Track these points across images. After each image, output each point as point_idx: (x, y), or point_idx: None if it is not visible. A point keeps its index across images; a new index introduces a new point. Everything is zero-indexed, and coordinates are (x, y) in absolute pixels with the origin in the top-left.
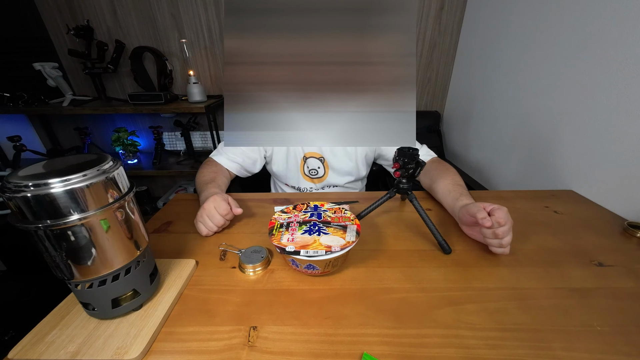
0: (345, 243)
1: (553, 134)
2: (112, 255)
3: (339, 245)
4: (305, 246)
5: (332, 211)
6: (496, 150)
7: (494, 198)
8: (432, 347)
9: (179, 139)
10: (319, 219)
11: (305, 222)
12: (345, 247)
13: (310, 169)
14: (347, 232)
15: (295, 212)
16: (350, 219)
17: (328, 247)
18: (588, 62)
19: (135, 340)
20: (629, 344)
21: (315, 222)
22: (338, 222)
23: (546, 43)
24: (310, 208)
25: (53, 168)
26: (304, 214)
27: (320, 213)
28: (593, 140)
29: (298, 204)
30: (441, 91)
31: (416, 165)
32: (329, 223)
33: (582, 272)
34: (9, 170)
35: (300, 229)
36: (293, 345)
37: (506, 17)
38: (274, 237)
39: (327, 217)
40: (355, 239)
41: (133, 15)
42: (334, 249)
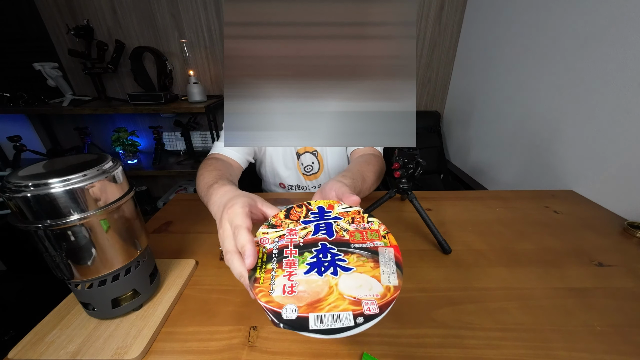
0: (384, 292)
1: (553, 134)
2: (112, 255)
3: (372, 296)
4: (316, 304)
5: (349, 219)
6: (496, 150)
7: (494, 198)
8: (432, 347)
9: (179, 139)
10: (330, 238)
11: (308, 244)
12: (385, 302)
13: (305, 166)
14: (380, 264)
15: (290, 222)
16: (379, 234)
17: (355, 302)
18: (588, 62)
19: (135, 340)
20: (629, 344)
21: (326, 245)
22: (362, 242)
23: (546, 43)
24: (313, 214)
25: (53, 168)
26: (304, 228)
27: (330, 224)
28: (593, 140)
29: (293, 206)
30: (441, 91)
31: (416, 165)
32: (347, 245)
33: (582, 272)
34: (9, 170)
35: (302, 262)
36: (293, 345)
37: (506, 17)
38: (258, 287)
39: (343, 233)
40: (398, 283)
41: (133, 15)
42: (366, 306)
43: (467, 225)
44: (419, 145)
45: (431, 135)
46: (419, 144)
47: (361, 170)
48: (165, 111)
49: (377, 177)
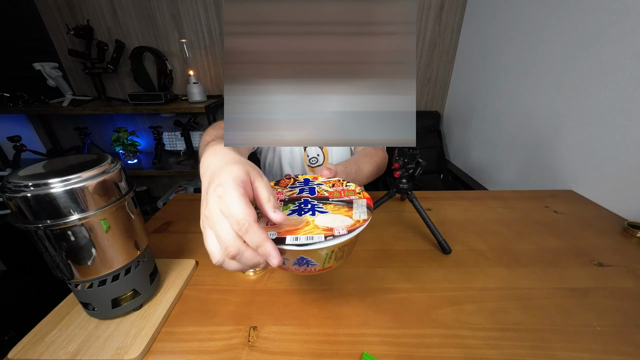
0: (354, 223)
1: (553, 134)
2: (112, 255)
3: (344, 226)
4: (294, 231)
5: (330, 184)
6: (496, 150)
7: (494, 198)
8: (432, 347)
9: (179, 139)
10: (311, 195)
11: (292, 199)
12: (353, 228)
13: (311, 158)
14: (353, 208)
15: (278, 188)
16: (355, 192)
17: (328, 229)
18: (588, 62)
19: (135, 340)
20: (629, 344)
21: (307, 200)
22: (339, 197)
23: (546, 43)
24: (299, 182)
25: (53, 168)
26: (290, 190)
27: (313, 188)
28: (593, 140)
29: (282, 179)
30: (441, 91)
31: (416, 165)
32: (326, 199)
33: (582, 272)
34: (9, 170)
35: (286, 209)
36: (293, 345)
37: (506, 17)
38: None
39: (324, 192)
40: (367, 217)
41: (133, 15)
42: (337, 231)
43: (467, 225)
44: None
45: (431, 135)
46: (419, 144)
47: (357, 161)
48: (165, 111)
49: (375, 167)
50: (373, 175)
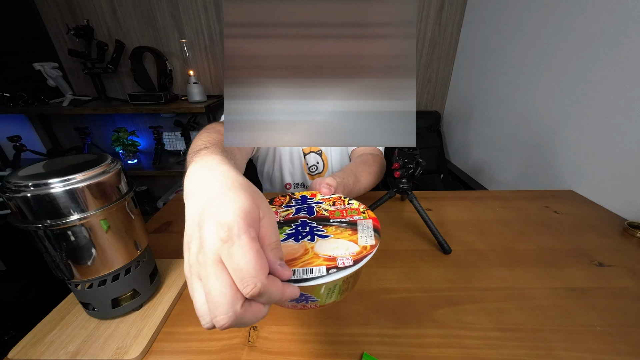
0: (360, 250)
1: (553, 134)
2: (112, 255)
3: (348, 254)
4: (290, 261)
5: (330, 202)
6: (496, 150)
7: (494, 198)
8: (432, 347)
9: (179, 139)
10: (310, 215)
11: (287, 221)
12: (360, 257)
13: (310, 166)
14: (358, 230)
15: (272, 208)
16: (360, 211)
17: (330, 259)
18: (588, 62)
19: (135, 340)
20: (629, 344)
21: (305, 221)
22: (341, 217)
23: (546, 43)
24: (296, 200)
25: (53, 168)
26: (285, 210)
27: (311, 207)
28: (593, 140)
29: (277, 197)
30: (441, 91)
31: (416, 165)
32: (326, 220)
33: (582, 272)
34: (9, 170)
35: (281, 233)
36: (293, 345)
37: (506, 17)
38: None
39: (323, 212)
40: (375, 242)
41: (133, 15)
42: (341, 261)
43: (467, 225)
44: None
45: (431, 135)
46: (419, 144)
47: (355, 170)
48: (165, 111)
49: (374, 177)
50: (371, 185)
